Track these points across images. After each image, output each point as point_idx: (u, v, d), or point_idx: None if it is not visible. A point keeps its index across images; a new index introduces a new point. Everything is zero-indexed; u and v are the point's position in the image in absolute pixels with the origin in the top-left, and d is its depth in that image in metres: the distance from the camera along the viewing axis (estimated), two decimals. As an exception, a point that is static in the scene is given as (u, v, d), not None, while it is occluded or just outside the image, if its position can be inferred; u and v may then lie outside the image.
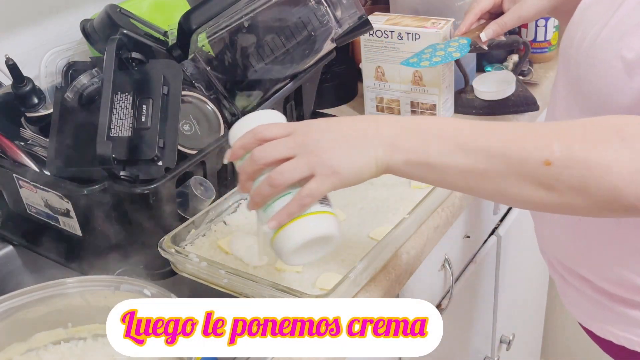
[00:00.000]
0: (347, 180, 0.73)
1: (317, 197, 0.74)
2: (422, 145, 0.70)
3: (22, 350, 0.91)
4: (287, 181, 0.73)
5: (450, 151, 0.69)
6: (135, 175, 0.95)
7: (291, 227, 0.75)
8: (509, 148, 0.67)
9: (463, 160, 0.68)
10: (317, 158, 0.72)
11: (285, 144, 0.73)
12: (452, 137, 0.70)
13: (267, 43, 1.10)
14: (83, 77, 1.01)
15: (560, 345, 2.01)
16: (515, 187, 0.67)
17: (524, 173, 0.66)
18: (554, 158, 0.65)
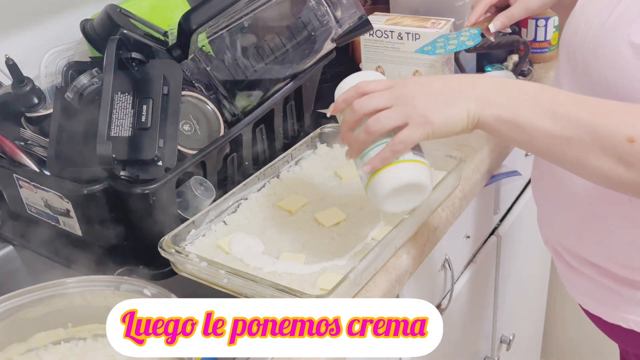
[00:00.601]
0: (439, 130, 0.76)
1: (410, 144, 0.78)
2: (515, 103, 0.73)
3: (22, 350, 0.91)
4: (383, 128, 0.78)
5: (541, 114, 0.71)
6: (135, 175, 0.95)
7: (384, 173, 0.80)
8: (597, 121, 0.69)
9: (551, 125, 0.70)
10: (411, 108, 0.76)
11: (383, 95, 0.78)
12: (546, 101, 0.72)
13: (267, 43, 1.10)
14: (83, 77, 1.01)
15: (560, 345, 2.01)
16: (596, 159, 0.69)
17: (607, 147, 0.68)
18: (638, 136, 0.66)
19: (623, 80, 0.76)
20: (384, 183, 0.81)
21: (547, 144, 0.72)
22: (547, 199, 0.99)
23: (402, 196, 0.82)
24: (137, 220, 0.98)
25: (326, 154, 1.16)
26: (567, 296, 1.08)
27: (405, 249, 0.99)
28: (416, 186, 0.82)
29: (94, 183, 0.95)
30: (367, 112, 0.79)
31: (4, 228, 1.11)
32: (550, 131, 0.71)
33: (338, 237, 0.97)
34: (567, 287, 1.02)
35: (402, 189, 0.81)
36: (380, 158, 0.79)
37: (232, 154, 1.09)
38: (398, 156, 0.80)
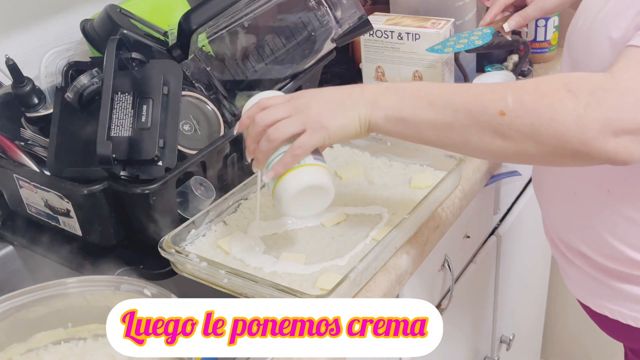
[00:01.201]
0: (335, 134, 0.83)
1: (308, 148, 0.83)
2: (398, 102, 0.80)
3: (22, 350, 0.91)
4: (282, 135, 0.83)
5: (422, 107, 0.79)
6: (135, 175, 0.95)
7: (287, 177, 0.84)
8: (470, 102, 0.76)
9: (433, 115, 0.78)
10: (307, 115, 0.82)
11: (282, 107, 0.84)
12: (424, 95, 0.79)
13: (267, 43, 1.10)
14: (83, 77, 1.01)
15: (560, 345, 2.01)
16: (476, 137, 0.76)
17: (482, 123, 0.75)
18: (508, 109, 0.74)
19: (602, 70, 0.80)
20: (288, 187, 0.84)
21: (432, 133, 0.79)
22: (542, 190, 1.02)
23: (307, 199, 0.86)
24: (137, 220, 0.98)
25: (326, 154, 1.16)
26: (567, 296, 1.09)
27: (405, 249, 0.99)
28: (319, 188, 0.85)
29: (94, 183, 0.95)
30: (268, 124, 0.84)
31: (4, 228, 1.11)
32: (433, 120, 0.78)
33: (338, 237, 0.97)
34: (563, 277, 1.06)
35: (305, 191, 0.84)
36: (282, 163, 0.83)
37: (232, 154, 1.09)
38: (298, 160, 0.84)
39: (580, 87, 0.72)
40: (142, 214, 0.97)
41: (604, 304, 0.96)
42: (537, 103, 0.73)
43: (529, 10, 1.13)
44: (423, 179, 1.06)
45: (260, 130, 0.84)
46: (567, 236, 0.98)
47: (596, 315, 1.00)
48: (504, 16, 1.17)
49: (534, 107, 0.73)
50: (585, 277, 0.97)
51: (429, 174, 1.07)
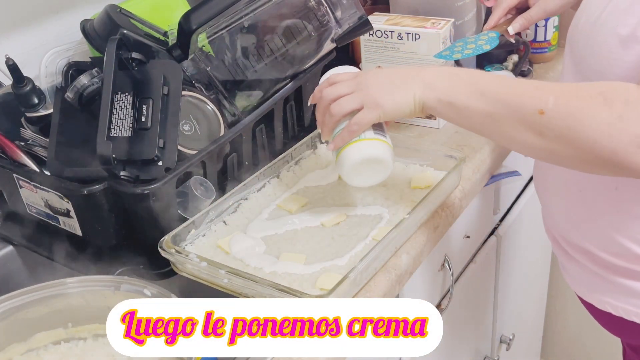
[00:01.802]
0: (389, 112, 0.89)
1: (364, 125, 0.90)
2: (452, 87, 0.85)
3: (22, 350, 0.91)
4: (341, 111, 0.90)
5: (473, 94, 0.83)
6: (135, 175, 0.95)
7: (347, 150, 0.92)
8: (516, 97, 0.80)
9: (480, 104, 0.82)
10: (365, 94, 0.89)
11: (346, 84, 0.91)
12: (475, 83, 0.83)
13: (267, 43, 1.10)
14: (83, 77, 1.01)
15: (560, 345, 2.01)
16: (516, 131, 0.80)
17: (521, 118, 0.79)
18: (547, 109, 0.77)
19: (609, 69, 0.82)
20: (346, 160, 0.92)
21: (478, 120, 0.83)
22: (545, 187, 1.02)
23: (366, 170, 0.93)
24: (137, 220, 0.98)
25: (326, 153, 1.16)
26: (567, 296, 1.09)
27: (405, 249, 0.99)
28: (376, 161, 0.92)
29: (94, 183, 0.95)
30: (332, 98, 0.91)
31: (4, 228, 1.11)
32: (479, 109, 0.82)
33: (338, 237, 0.97)
34: (564, 275, 1.06)
35: (363, 163, 0.92)
36: (341, 137, 0.91)
37: (232, 154, 1.09)
38: (354, 135, 0.90)
39: (615, 97, 0.74)
40: (142, 214, 0.97)
41: (608, 301, 0.96)
42: (574, 107, 0.75)
43: (532, 13, 1.13)
44: (423, 179, 1.06)
45: (326, 104, 0.92)
46: (571, 234, 0.98)
47: (598, 312, 1.00)
48: (506, 19, 1.17)
49: (571, 111, 0.75)
50: (589, 274, 0.97)
51: (429, 174, 1.08)
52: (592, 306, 1.00)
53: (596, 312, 1.00)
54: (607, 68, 0.82)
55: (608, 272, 0.94)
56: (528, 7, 1.16)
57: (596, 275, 0.96)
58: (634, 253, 0.90)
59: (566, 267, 1.03)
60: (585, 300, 1.02)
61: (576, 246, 0.97)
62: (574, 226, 0.97)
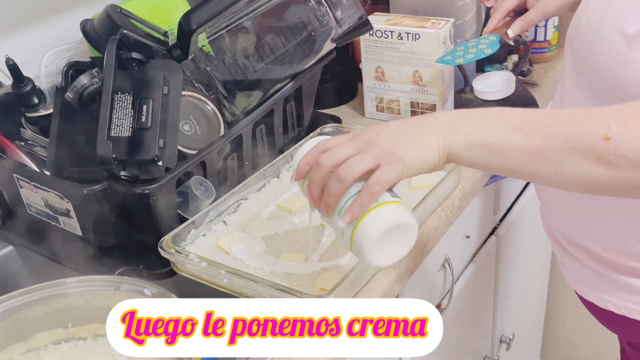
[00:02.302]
0: (412, 167, 0.74)
1: (386, 184, 0.74)
2: (481, 127, 0.71)
3: (22, 350, 0.91)
4: (355, 173, 0.74)
5: (510, 133, 0.70)
6: (135, 175, 0.95)
7: (366, 219, 0.75)
8: (568, 126, 0.69)
9: (522, 140, 0.69)
10: (379, 149, 0.74)
11: (348, 145, 0.76)
12: (511, 119, 0.71)
13: (267, 43, 1.10)
14: (83, 77, 1.01)
15: (560, 345, 2.01)
16: (574, 164, 0.68)
17: (583, 149, 0.68)
18: (611, 133, 0.66)
19: (613, 68, 0.80)
20: (369, 230, 0.75)
21: (521, 160, 0.71)
22: (546, 187, 1.01)
23: (391, 242, 0.76)
24: (137, 220, 0.98)
25: (326, 154, 1.16)
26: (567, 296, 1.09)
27: (405, 249, 0.98)
28: (403, 227, 0.77)
29: (94, 183, 0.95)
30: (335, 164, 0.75)
31: (4, 228, 1.11)
32: (523, 146, 0.70)
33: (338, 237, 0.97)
34: (564, 275, 1.05)
35: (388, 232, 0.75)
36: (359, 204, 0.75)
37: (232, 154, 1.09)
38: (375, 199, 0.75)
39: None
40: (142, 214, 0.97)
41: (610, 299, 0.96)
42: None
43: (532, 15, 1.13)
44: (423, 179, 1.06)
45: (327, 172, 0.76)
46: (572, 232, 0.98)
47: (599, 310, 0.99)
48: (505, 22, 1.17)
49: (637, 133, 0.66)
50: (590, 272, 0.97)
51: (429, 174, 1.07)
52: (593, 305, 1.00)
53: (597, 310, 1.00)
54: (612, 68, 0.81)
55: (610, 271, 0.94)
56: (526, 9, 1.16)
57: (598, 274, 0.96)
58: (637, 251, 0.90)
59: (566, 266, 1.03)
60: (585, 299, 1.02)
61: (577, 245, 0.97)
62: (576, 225, 0.96)
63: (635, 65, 0.79)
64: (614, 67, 0.81)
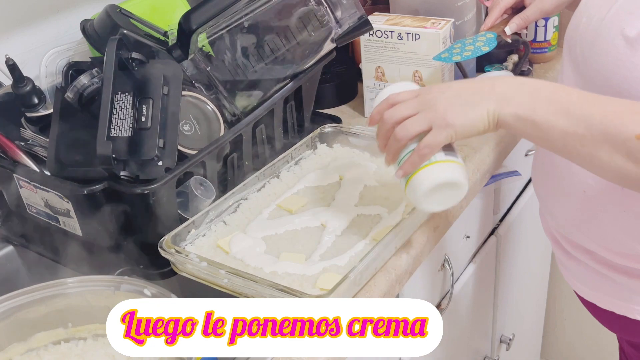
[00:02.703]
0: (462, 132, 0.81)
1: (435, 147, 0.83)
2: (531, 102, 0.77)
3: (22, 350, 0.91)
4: (409, 134, 0.83)
5: (556, 112, 0.76)
6: (135, 175, 0.95)
7: (417, 176, 0.85)
8: (608, 119, 0.73)
9: (566, 123, 0.75)
10: (434, 113, 0.81)
11: (409, 104, 0.84)
12: (560, 100, 0.76)
13: (267, 43, 1.10)
14: (83, 77, 1.01)
15: (560, 345, 2.01)
16: (607, 155, 0.73)
17: (617, 143, 0.72)
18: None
19: (616, 70, 0.80)
20: (418, 186, 0.85)
21: (562, 141, 0.76)
22: (546, 188, 1.02)
23: (440, 195, 0.86)
24: (137, 220, 0.98)
25: (326, 154, 1.16)
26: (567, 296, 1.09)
27: (405, 249, 0.99)
28: (451, 184, 0.85)
29: (94, 183, 0.95)
30: (396, 121, 0.84)
31: (4, 228, 1.11)
32: (565, 129, 0.75)
33: (338, 237, 0.97)
34: (564, 275, 1.05)
35: (436, 188, 0.85)
36: (410, 163, 0.84)
37: (232, 154, 1.09)
38: (425, 159, 0.83)
39: None
40: (142, 214, 0.97)
41: (610, 300, 0.96)
42: None
43: (529, 13, 1.12)
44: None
45: (389, 127, 0.85)
46: (573, 233, 0.98)
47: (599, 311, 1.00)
48: (503, 19, 1.17)
49: None
50: (591, 273, 0.97)
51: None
52: (593, 305, 1.00)
53: (597, 310, 1.00)
54: (615, 70, 0.81)
55: (611, 271, 0.94)
56: (524, 7, 1.15)
57: (598, 274, 0.96)
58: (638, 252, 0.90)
59: (566, 266, 1.03)
60: (586, 299, 1.02)
61: (578, 246, 0.97)
62: (577, 226, 0.96)
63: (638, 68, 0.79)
64: (617, 69, 0.80)
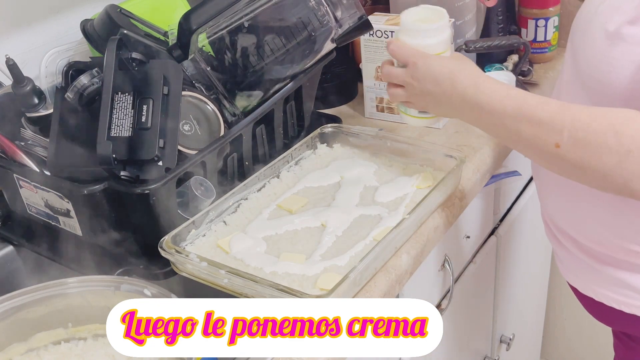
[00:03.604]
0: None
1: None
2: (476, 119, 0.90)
3: (22, 350, 0.91)
4: (393, 99, 1.01)
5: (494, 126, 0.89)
6: (135, 175, 0.95)
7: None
8: (531, 131, 0.83)
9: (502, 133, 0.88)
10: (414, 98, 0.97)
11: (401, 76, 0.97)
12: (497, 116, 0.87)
13: (267, 43, 1.10)
14: (83, 77, 1.01)
15: (560, 345, 2.01)
16: (536, 157, 0.87)
17: (541, 150, 0.83)
18: (562, 143, 0.80)
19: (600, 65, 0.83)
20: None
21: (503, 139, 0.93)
22: (538, 173, 1.04)
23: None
24: (137, 220, 0.98)
25: (326, 154, 1.16)
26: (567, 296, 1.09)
27: (405, 249, 0.99)
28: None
29: (94, 183, 0.95)
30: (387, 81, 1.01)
31: (4, 228, 1.11)
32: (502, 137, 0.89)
33: (338, 237, 0.97)
34: (559, 268, 1.08)
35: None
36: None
37: (232, 154, 1.09)
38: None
39: (625, 130, 0.76)
40: (142, 214, 0.97)
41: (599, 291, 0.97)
42: (587, 142, 0.78)
43: None
44: (423, 179, 1.06)
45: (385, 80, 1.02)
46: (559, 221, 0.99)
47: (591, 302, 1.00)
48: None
49: (584, 145, 0.78)
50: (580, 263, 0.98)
51: (429, 174, 1.08)
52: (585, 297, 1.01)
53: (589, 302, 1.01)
54: (596, 64, 0.84)
55: (597, 262, 0.95)
56: None
57: (586, 264, 0.97)
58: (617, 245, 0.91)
59: (559, 255, 1.05)
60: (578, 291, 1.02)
61: (564, 232, 0.99)
62: (562, 214, 0.98)
63: (616, 63, 0.81)
64: (598, 62, 0.83)
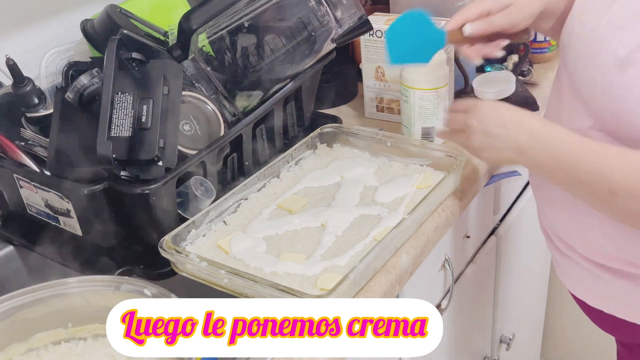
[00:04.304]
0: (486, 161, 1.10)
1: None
2: (538, 163, 0.88)
3: (22, 350, 0.91)
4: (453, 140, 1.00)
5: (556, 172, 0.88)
6: (135, 175, 0.95)
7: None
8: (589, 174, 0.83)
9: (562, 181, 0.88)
10: (470, 144, 0.95)
11: (463, 120, 0.94)
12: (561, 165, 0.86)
13: (267, 43, 1.10)
14: (83, 77, 1.01)
15: (560, 345, 2.01)
16: (595, 203, 0.86)
17: (598, 198, 0.84)
18: (618, 191, 0.81)
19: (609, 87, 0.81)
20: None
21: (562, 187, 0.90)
22: (538, 185, 1.03)
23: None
24: (137, 220, 0.98)
25: (326, 154, 1.16)
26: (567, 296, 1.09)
27: (405, 249, 0.99)
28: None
29: (94, 183, 0.95)
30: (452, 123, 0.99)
31: (4, 228, 1.11)
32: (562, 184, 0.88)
33: (338, 237, 0.97)
34: (558, 273, 1.06)
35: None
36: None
37: (232, 154, 1.09)
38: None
39: None
40: (142, 214, 0.97)
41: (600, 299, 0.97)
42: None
43: (494, 18, 0.98)
44: (423, 179, 1.06)
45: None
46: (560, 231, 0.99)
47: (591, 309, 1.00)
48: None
49: (638, 194, 0.80)
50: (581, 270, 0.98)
51: (429, 174, 1.08)
52: (585, 304, 1.01)
53: (589, 309, 1.01)
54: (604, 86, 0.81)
55: (599, 270, 0.94)
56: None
57: (587, 271, 0.96)
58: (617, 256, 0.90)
59: (560, 264, 1.04)
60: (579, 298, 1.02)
61: (565, 243, 0.98)
62: (562, 224, 0.97)
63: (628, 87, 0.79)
64: (606, 85, 0.81)
